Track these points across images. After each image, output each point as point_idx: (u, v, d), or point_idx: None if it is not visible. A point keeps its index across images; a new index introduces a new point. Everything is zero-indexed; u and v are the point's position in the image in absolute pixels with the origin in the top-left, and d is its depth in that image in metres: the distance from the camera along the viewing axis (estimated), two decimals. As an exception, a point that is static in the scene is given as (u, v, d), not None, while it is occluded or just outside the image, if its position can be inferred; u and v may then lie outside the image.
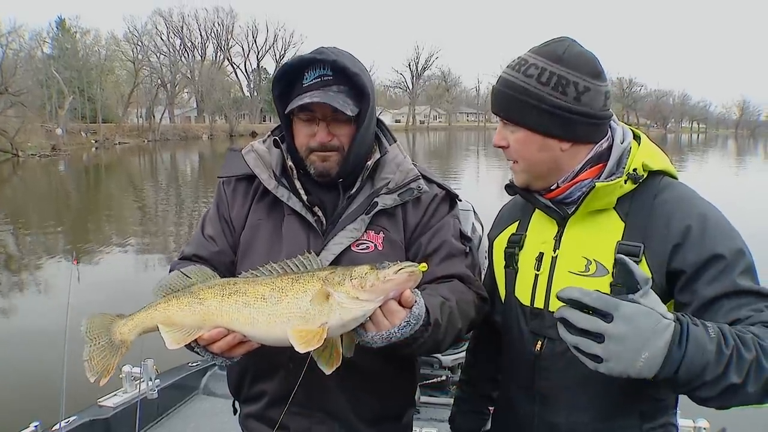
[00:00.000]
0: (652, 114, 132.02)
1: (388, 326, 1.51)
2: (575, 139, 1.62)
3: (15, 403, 5.83)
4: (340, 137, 1.82)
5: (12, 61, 47.97)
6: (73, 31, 71.31)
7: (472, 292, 1.84)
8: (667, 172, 1.64)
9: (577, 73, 1.57)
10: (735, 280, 1.43)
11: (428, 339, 1.58)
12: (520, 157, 1.67)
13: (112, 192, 27.19)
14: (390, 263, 1.47)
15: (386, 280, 1.44)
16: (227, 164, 1.99)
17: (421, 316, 1.54)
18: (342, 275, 1.49)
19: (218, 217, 1.98)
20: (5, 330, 8.83)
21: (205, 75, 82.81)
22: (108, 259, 13.24)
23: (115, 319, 1.65)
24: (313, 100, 1.73)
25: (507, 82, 1.64)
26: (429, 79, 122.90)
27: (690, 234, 1.49)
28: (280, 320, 1.50)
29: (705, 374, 1.25)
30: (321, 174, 1.85)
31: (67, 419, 3.46)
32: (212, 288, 1.57)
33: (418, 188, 1.87)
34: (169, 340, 1.56)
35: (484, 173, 33.63)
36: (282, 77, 1.84)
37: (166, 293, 1.62)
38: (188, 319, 1.56)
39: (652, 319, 1.22)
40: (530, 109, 1.59)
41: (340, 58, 1.77)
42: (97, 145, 58.18)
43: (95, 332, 1.63)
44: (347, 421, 1.88)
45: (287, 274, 1.56)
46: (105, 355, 1.62)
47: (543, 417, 1.71)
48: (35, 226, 17.51)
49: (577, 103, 1.57)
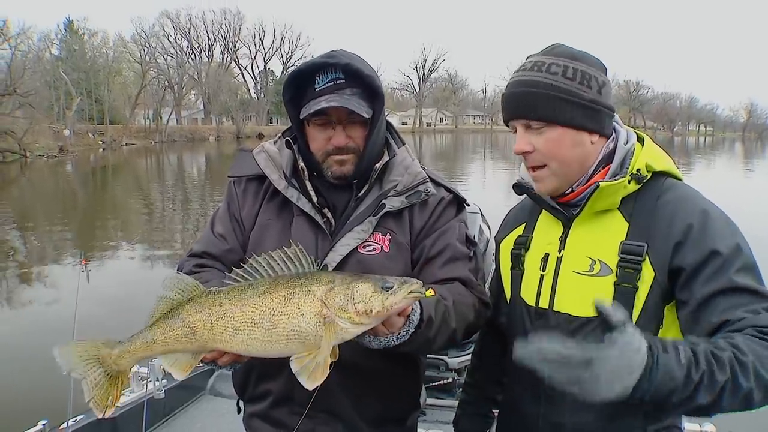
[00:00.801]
0: (659, 117, 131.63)
1: (386, 333, 1.53)
2: (602, 130, 1.65)
3: (23, 401, 5.87)
4: (355, 139, 1.83)
5: (20, 62, 48.26)
6: (81, 32, 71.95)
7: (473, 296, 1.83)
8: (670, 173, 1.65)
9: (594, 68, 1.63)
10: (731, 277, 1.43)
11: (419, 336, 1.59)
12: (552, 157, 1.64)
13: (119, 193, 27.27)
14: (394, 282, 1.44)
15: (392, 308, 1.43)
16: (238, 164, 2.00)
17: (417, 320, 1.56)
18: (344, 297, 1.44)
19: (229, 215, 1.98)
20: (14, 329, 8.85)
21: (212, 77, 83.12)
22: (115, 260, 13.31)
23: (101, 346, 1.57)
24: (330, 104, 1.74)
25: (531, 82, 1.62)
26: (436, 81, 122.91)
27: (691, 232, 1.49)
28: (277, 345, 1.47)
29: (672, 398, 1.26)
30: (338, 177, 1.86)
31: (75, 418, 3.48)
32: (199, 312, 1.51)
33: (426, 191, 1.87)
34: (175, 372, 1.57)
35: (491, 175, 33.60)
36: (293, 81, 1.84)
37: (156, 318, 1.57)
38: (186, 348, 1.55)
39: (625, 360, 1.22)
40: (563, 104, 1.59)
41: (353, 61, 1.79)
42: (105, 146, 58.47)
43: (82, 365, 1.55)
44: (351, 423, 1.88)
45: (276, 286, 1.49)
46: (106, 388, 1.57)
47: (548, 417, 1.71)
48: (43, 227, 17.57)
49: (599, 95, 1.61)
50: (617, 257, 1.57)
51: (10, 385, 6.55)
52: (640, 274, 1.54)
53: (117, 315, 8.20)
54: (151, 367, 3.90)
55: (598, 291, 1.58)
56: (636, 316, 1.55)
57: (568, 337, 1.59)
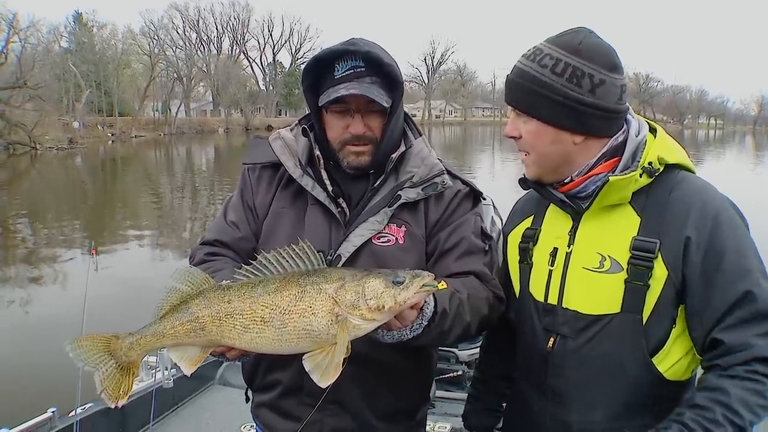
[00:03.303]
0: (669, 110, 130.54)
1: (399, 327, 1.52)
2: (588, 132, 1.59)
3: (33, 390, 5.91)
4: (373, 129, 1.81)
5: (30, 55, 48.29)
6: (90, 25, 72.04)
7: (487, 290, 1.81)
8: (683, 165, 1.61)
9: (593, 65, 1.53)
10: (737, 289, 1.43)
11: (433, 329, 1.58)
12: (532, 148, 1.65)
13: (128, 185, 27.35)
14: (406, 276, 1.43)
15: (405, 303, 1.42)
16: (253, 151, 1.99)
17: (431, 313, 1.55)
18: (355, 293, 1.42)
19: (242, 203, 1.97)
20: (24, 319, 8.93)
21: (220, 69, 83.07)
22: (124, 250, 13.35)
23: (111, 339, 1.58)
24: (350, 92, 1.72)
25: (520, 71, 1.61)
26: (445, 73, 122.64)
27: (700, 235, 1.47)
28: (288, 344, 1.47)
29: None
30: (355, 168, 1.85)
31: (83, 406, 3.50)
32: (208, 308, 1.51)
33: (443, 183, 1.85)
34: (184, 366, 1.56)
35: (499, 168, 33.47)
36: (312, 69, 1.82)
37: (165, 310, 1.57)
38: (195, 342, 1.55)
39: None
40: (542, 100, 1.56)
41: (373, 49, 1.77)
42: (114, 138, 58.59)
43: (94, 358, 1.57)
44: (360, 415, 1.87)
45: (286, 285, 1.47)
46: (118, 380, 1.58)
47: (555, 415, 1.69)
48: (53, 218, 17.66)
49: (591, 95, 1.53)
50: (628, 254, 1.53)
51: (20, 374, 6.60)
52: (652, 272, 1.50)
53: (126, 304, 8.26)
54: (160, 356, 3.91)
55: (608, 288, 1.56)
56: (647, 315, 1.52)
57: (576, 334, 1.61)
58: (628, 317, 1.54)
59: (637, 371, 1.55)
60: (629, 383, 1.56)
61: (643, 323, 1.53)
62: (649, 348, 1.54)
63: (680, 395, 1.59)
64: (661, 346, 1.54)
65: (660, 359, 1.55)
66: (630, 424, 1.58)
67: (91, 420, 3.52)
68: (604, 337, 1.58)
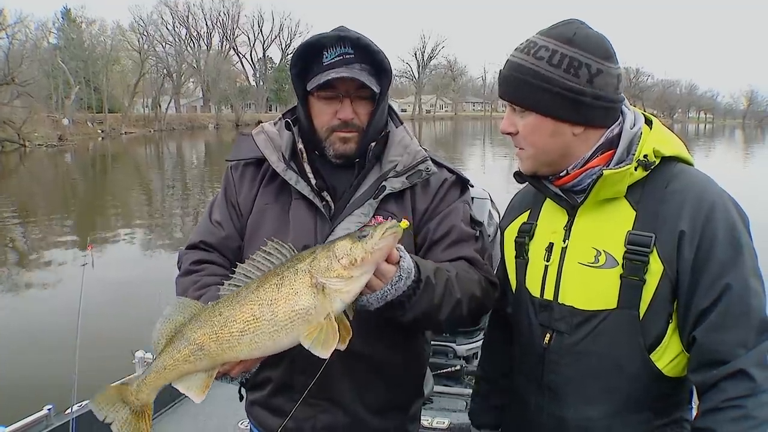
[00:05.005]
0: (659, 104, 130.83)
1: (381, 285, 1.50)
2: (588, 122, 1.56)
3: (29, 387, 5.89)
4: (360, 116, 1.81)
5: (18, 51, 47.96)
6: (78, 21, 71.44)
7: (478, 273, 1.79)
8: (680, 157, 1.58)
9: (589, 54, 1.51)
10: (726, 283, 1.42)
11: (421, 297, 1.56)
12: (530, 143, 1.62)
13: (119, 181, 27.22)
14: (368, 228, 1.44)
15: (374, 250, 1.41)
16: (236, 148, 1.98)
17: (411, 270, 1.53)
18: (326, 258, 1.43)
19: (225, 201, 1.96)
20: (19, 317, 8.88)
21: (210, 65, 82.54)
22: (116, 247, 13.33)
23: (121, 387, 1.61)
24: (341, 75, 1.71)
25: (516, 65, 1.58)
26: (435, 68, 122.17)
27: (694, 230, 1.45)
28: (284, 332, 1.46)
29: None
30: (340, 155, 1.83)
31: (80, 403, 3.49)
32: (202, 327, 1.52)
33: (427, 170, 1.84)
34: (193, 395, 1.58)
35: (491, 162, 33.51)
36: (302, 55, 1.81)
37: (162, 344, 1.59)
38: (197, 366, 1.56)
39: None
40: (541, 93, 1.53)
41: (362, 36, 1.77)
42: (104, 135, 58.20)
43: (110, 410, 1.60)
44: (352, 410, 1.86)
45: (266, 278, 1.48)
46: (134, 425, 1.61)
47: (551, 411, 1.68)
48: (43, 216, 17.54)
49: (589, 85, 1.51)
50: (623, 248, 1.52)
51: (17, 371, 6.57)
52: (648, 267, 1.49)
53: (119, 300, 8.27)
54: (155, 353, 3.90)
55: (604, 283, 1.55)
56: (643, 311, 1.51)
57: (572, 330, 1.61)
58: (624, 313, 1.52)
59: (635, 367, 1.54)
60: (626, 379, 1.55)
61: (640, 319, 1.51)
62: (646, 344, 1.53)
63: (679, 391, 1.59)
64: (659, 342, 1.53)
65: (658, 355, 1.53)
66: (627, 420, 1.57)
67: (87, 417, 3.50)
68: (601, 333, 1.56)
